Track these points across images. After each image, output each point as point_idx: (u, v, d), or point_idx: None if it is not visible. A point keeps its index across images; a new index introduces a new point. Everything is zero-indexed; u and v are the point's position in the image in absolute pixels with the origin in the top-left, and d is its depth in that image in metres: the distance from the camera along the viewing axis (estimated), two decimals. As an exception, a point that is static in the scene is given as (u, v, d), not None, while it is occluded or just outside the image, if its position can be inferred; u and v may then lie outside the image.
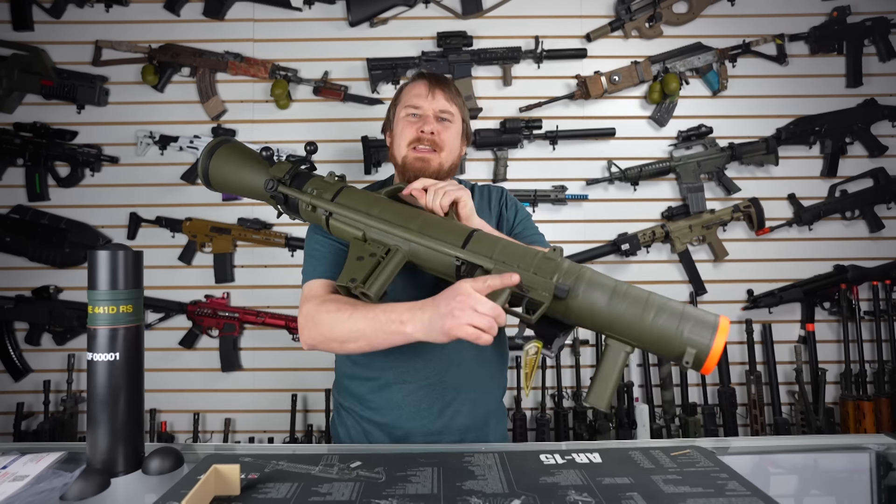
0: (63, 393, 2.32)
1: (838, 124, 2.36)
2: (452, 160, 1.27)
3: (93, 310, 0.91)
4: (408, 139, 1.24)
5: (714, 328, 0.83)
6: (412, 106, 1.25)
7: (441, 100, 1.25)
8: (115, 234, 2.40)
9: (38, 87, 2.36)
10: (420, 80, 1.29)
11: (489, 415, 1.26)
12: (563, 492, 0.82)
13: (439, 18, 2.41)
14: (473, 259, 0.94)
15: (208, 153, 1.15)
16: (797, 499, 0.99)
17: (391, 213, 1.03)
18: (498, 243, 0.96)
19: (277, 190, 1.07)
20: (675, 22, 2.40)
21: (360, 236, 1.02)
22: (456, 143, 1.27)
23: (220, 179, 1.16)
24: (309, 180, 1.09)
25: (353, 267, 0.98)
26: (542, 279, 0.90)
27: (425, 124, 1.23)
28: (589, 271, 0.92)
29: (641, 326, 0.86)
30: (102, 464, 0.89)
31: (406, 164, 1.24)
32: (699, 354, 0.83)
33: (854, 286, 2.32)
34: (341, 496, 0.81)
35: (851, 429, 2.24)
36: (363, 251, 1.00)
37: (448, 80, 1.32)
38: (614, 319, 0.87)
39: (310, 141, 1.14)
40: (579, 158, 2.41)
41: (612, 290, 0.88)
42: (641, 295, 0.88)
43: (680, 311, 0.86)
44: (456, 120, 1.27)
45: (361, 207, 1.04)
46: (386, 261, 0.98)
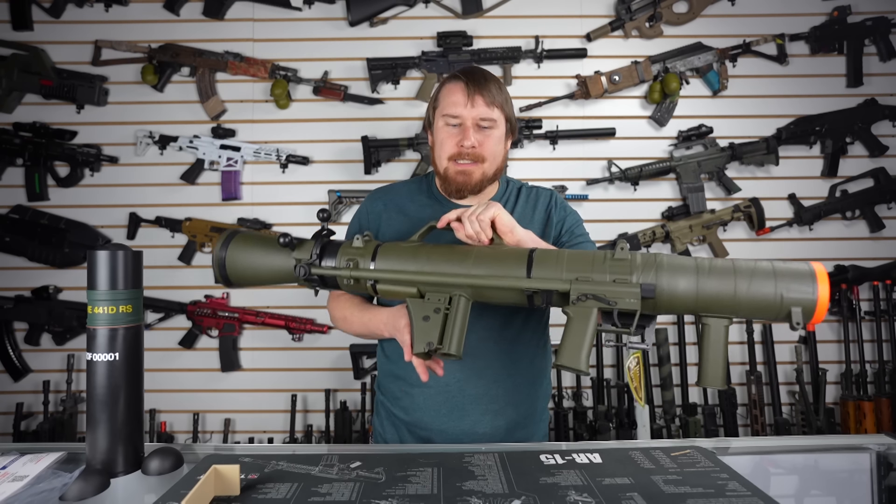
0: (63, 393, 2.32)
1: (839, 124, 2.36)
2: (496, 167, 1.23)
3: (92, 310, 0.91)
4: (448, 153, 1.20)
5: (813, 278, 0.80)
6: (451, 115, 1.19)
7: (481, 106, 1.18)
8: (115, 234, 2.40)
9: (38, 86, 2.36)
10: (457, 84, 1.20)
11: (516, 426, 1.23)
12: (564, 492, 0.82)
13: (439, 18, 2.41)
14: (545, 286, 0.88)
15: (223, 245, 1.06)
16: (797, 499, 0.99)
17: (438, 258, 0.97)
18: (561, 257, 0.92)
19: (311, 273, 1.00)
20: (675, 22, 2.40)
21: (414, 293, 0.96)
22: (499, 148, 1.22)
23: (241, 271, 1.06)
24: (339, 250, 1.02)
25: (423, 329, 0.92)
26: (626, 286, 0.85)
27: (465, 138, 1.17)
28: (664, 257, 0.88)
29: (737, 299, 0.82)
30: (102, 464, 0.89)
31: (448, 177, 1.21)
32: (806, 310, 0.80)
33: (854, 286, 2.32)
34: (341, 496, 0.81)
35: (852, 429, 2.24)
36: (425, 309, 0.94)
37: (488, 78, 1.22)
38: (708, 300, 0.83)
39: (322, 208, 1.06)
40: (579, 158, 2.40)
41: (695, 270, 0.84)
42: (727, 265, 0.84)
43: (771, 271, 0.82)
44: (498, 124, 1.21)
45: (405, 263, 0.97)
46: (453, 312, 0.92)
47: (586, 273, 0.88)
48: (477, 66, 1.33)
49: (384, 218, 1.28)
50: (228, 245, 1.06)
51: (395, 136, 2.37)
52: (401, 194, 1.32)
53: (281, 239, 1.00)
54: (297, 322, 2.34)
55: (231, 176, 2.37)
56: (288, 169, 2.40)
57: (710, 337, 0.85)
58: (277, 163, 2.38)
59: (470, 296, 0.94)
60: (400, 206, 1.29)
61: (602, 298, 0.85)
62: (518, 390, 1.24)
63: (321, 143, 2.42)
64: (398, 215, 1.28)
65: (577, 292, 0.86)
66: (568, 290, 0.87)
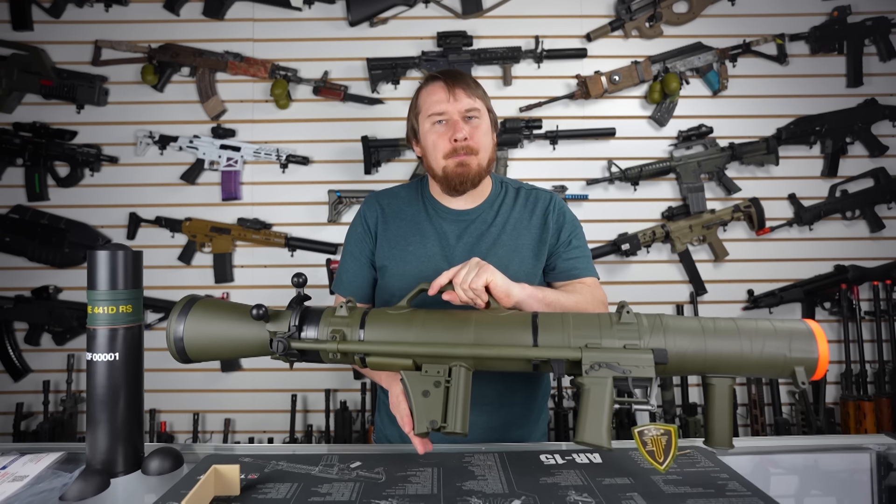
0: (63, 393, 2.32)
1: (839, 124, 2.36)
2: (488, 158, 1.24)
3: (92, 310, 0.91)
4: (443, 151, 1.20)
5: (812, 337, 0.83)
6: (436, 114, 1.20)
7: (463, 98, 1.19)
8: (115, 234, 2.40)
9: (38, 86, 2.36)
10: (436, 83, 1.22)
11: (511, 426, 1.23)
12: (564, 492, 0.82)
13: (439, 18, 2.41)
14: (555, 355, 0.84)
15: (181, 315, 0.92)
16: (797, 499, 0.99)
17: (435, 326, 0.90)
18: (566, 321, 0.88)
19: (291, 348, 0.89)
20: (675, 22, 2.40)
21: (410, 366, 0.89)
22: (488, 138, 1.24)
23: (203, 346, 0.93)
24: (322, 319, 0.92)
25: (424, 406, 0.85)
26: (638, 353, 0.83)
27: (456, 131, 1.18)
28: (669, 319, 0.87)
29: (744, 359, 0.83)
30: (102, 464, 0.89)
31: (448, 175, 1.20)
32: (809, 368, 0.83)
33: (854, 286, 2.32)
34: (341, 496, 0.81)
35: (852, 429, 2.23)
36: (424, 383, 0.86)
37: (463, 73, 1.25)
38: (716, 360, 0.84)
39: (297, 272, 0.94)
40: (579, 158, 2.40)
41: (701, 331, 0.85)
42: (730, 326, 0.85)
43: (773, 331, 0.84)
44: (483, 114, 1.23)
45: (398, 333, 0.90)
46: (455, 386, 0.85)
47: (595, 339, 0.85)
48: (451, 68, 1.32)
49: (381, 221, 1.29)
50: (188, 315, 0.93)
51: (395, 136, 2.37)
52: (399, 198, 1.32)
53: (254, 311, 0.88)
54: (297, 322, 2.34)
55: (231, 176, 2.37)
56: (288, 169, 2.40)
57: (715, 397, 0.86)
58: (277, 163, 2.38)
59: (471, 366, 0.88)
60: (398, 210, 1.30)
61: (616, 367, 0.82)
62: (513, 390, 1.24)
63: (321, 143, 2.42)
64: (396, 219, 1.28)
65: (589, 361, 0.83)
66: (579, 359, 0.83)
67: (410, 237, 1.26)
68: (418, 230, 1.26)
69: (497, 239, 1.24)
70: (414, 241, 1.25)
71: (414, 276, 1.22)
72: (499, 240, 1.24)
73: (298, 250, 2.37)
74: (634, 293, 2.38)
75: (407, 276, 1.23)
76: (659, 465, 0.80)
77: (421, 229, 1.26)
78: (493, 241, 1.24)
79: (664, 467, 0.80)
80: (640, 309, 0.90)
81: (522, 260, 1.23)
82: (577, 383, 0.84)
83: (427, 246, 1.24)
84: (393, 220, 1.29)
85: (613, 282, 2.39)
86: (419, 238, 1.25)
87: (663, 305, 2.38)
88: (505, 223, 1.26)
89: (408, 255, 1.24)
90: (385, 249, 1.26)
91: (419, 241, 1.25)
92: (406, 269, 1.23)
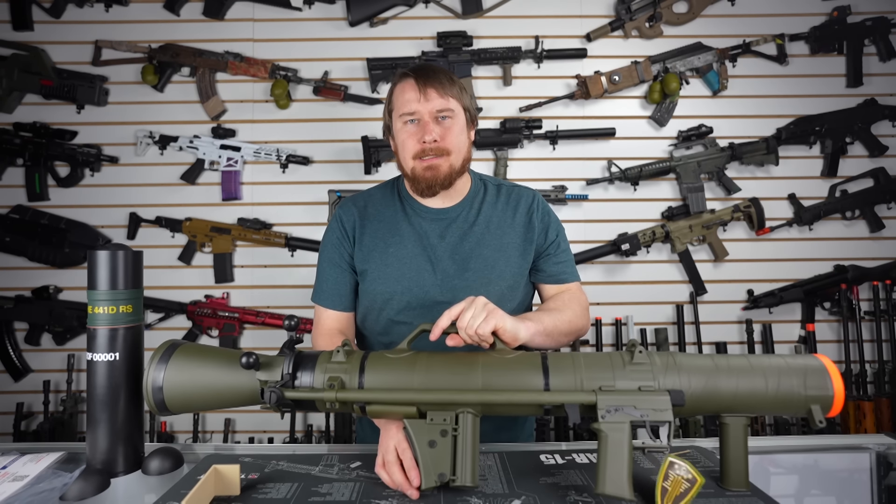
0: (63, 393, 2.32)
1: (838, 124, 2.36)
2: (462, 158, 1.20)
3: (93, 310, 0.91)
4: (411, 152, 1.17)
5: (826, 373, 0.82)
6: (407, 113, 1.17)
7: (435, 98, 1.15)
8: (115, 234, 2.40)
9: (38, 86, 2.36)
10: (407, 81, 1.18)
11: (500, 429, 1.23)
12: (564, 492, 0.82)
13: (439, 18, 2.41)
14: (570, 399, 0.80)
15: (161, 361, 0.85)
16: (797, 499, 0.99)
17: (440, 370, 0.85)
18: (577, 362, 0.84)
19: (285, 399, 0.83)
20: (675, 22, 2.40)
21: (413, 413, 0.83)
22: (462, 138, 1.20)
23: (186, 396, 0.85)
24: (317, 365, 0.86)
25: (431, 457, 0.80)
26: (654, 395, 0.79)
27: (425, 133, 1.15)
28: (681, 357, 0.84)
29: (756, 398, 0.81)
30: (102, 464, 0.89)
31: (416, 176, 1.18)
32: (825, 406, 0.81)
33: (854, 286, 2.32)
34: (341, 496, 0.81)
35: (852, 429, 2.23)
36: (430, 432, 0.81)
37: (437, 70, 1.20)
38: (731, 400, 0.81)
39: (290, 315, 0.89)
40: (579, 158, 2.40)
41: (714, 369, 0.82)
42: (742, 364, 0.83)
43: (786, 367, 0.82)
44: (456, 114, 1.18)
45: (401, 378, 0.84)
46: (462, 435, 0.80)
47: (608, 381, 0.82)
48: (427, 63, 1.27)
49: (359, 225, 1.26)
50: (168, 361, 0.86)
51: (395, 136, 2.37)
52: (374, 200, 1.30)
53: (244, 359, 0.83)
54: (297, 322, 2.34)
55: (231, 176, 2.37)
56: (288, 169, 2.40)
57: (730, 436, 0.83)
58: (277, 163, 2.38)
59: (478, 412, 0.83)
60: (375, 211, 1.27)
61: (633, 411, 0.78)
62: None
63: (321, 143, 2.42)
64: (373, 221, 1.26)
65: (605, 405, 0.79)
66: (594, 402, 0.79)
67: (390, 238, 1.23)
68: (397, 231, 1.23)
69: (481, 238, 1.22)
70: (394, 243, 1.22)
71: (395, 277, 1.20)
72: (483, 239, 1.22)
73: (298, 250, 2.37)
74: (634, 293, 2.38)
75: (389, 279, 1.20)
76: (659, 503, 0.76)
77: (400, 230, 1.23)
78: (478, 240, 1.22)
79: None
80: (641, 309, 0.90)
81: (508, 260, 1.22)
82: (594, 429, 0.79)
83: (407, 247, 1.22)
84: (370, 222, 1.26)
85: (613, 282, 2.39)
86: (398, 239, 1.22)
87: (663, 305, 2.39)
88: (488, 222, 1.24)
89: (388, 256, 1.21)
90: (364, 253, 1.23)
91: (399, 241, 1.22)
92: (387, 271, 1.21)
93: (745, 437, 0.83)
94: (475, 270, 1.19)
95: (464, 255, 1.20)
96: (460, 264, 1.20)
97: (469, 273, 1.19)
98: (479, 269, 1.20)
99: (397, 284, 1.20)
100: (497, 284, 1.20)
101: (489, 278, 1.19)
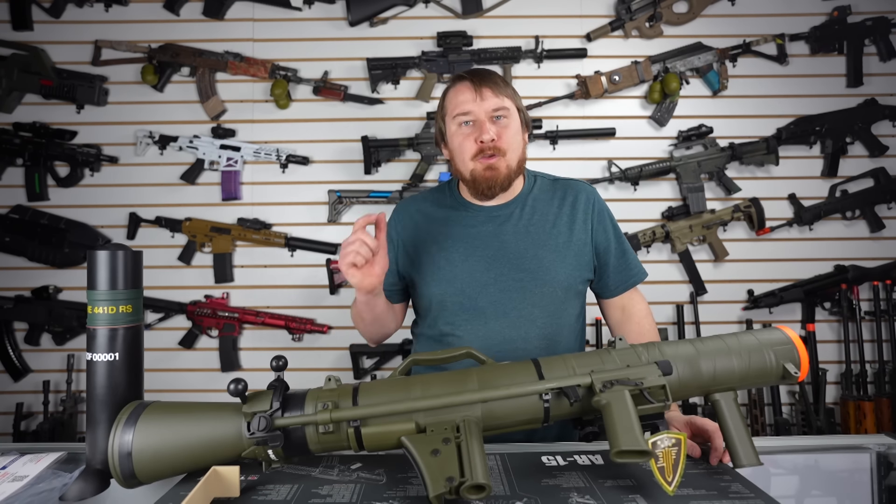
0: (62, 393, 2.32)
1: (839, 124, 2.36)
2: (518, 158, 1.20)
3: (92, 310, 0.91)
4: (470, 153, 1.16)
5: (790, 342, 0.89)
6: (462, 114, 1.17)
7: (490, 97, 1.16)
8: (115, 234, 2.40)
9: (38, 86, 2.36)
10: (462, 83, 1.19)
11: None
12: (566, 494, 0.81)
13: (439, 18, 2.41)
14: (565, 383, 0.83)
15: (127, 424, 0.81)
16: (798, 499, 0.99)
17: (435, 385, 0.85)
18: (566, 359, 0.87)
19: (273, 426, 0.80)
20: (675, 22, 2.39)
21: (412, 429, 0.81)
22: (517, 138, 1.19)
23: (159, 459, 0.81)
24: (307, 397, 0.84)
25: (436, 465, 0.76)
26: (643, 367, 0.84)
27: (482, 133, 1.14)
28: (662, 344, 0.89)
29: (736, 374, 0.88)
30: (102, 464, 0.89)
31: (476, 178, 1.17)
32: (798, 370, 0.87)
33: (854, 286, 2.32)
34: (341, 498, 0.80)
35: (852, 429, 2.23)
36: (431, 443, 0.79)
37: (491, 73, 1.20)
38: (713, 378, 0.87)
39: (278, 355, 0.87)
40: (579, 158, 2.40)
41: (696, 353, 0.88)
42: (718, 345, 0.89)
43: (756, 342, 0.89)
44: (512, 113, 1.18)
45: (397, 396, 0.83)
46: (465, 439, 0.79)
47: (598, 366, 0.85)
48: (480, 67, 1.29)
49: (411, 228, 1.26)
50: (137, 423, 0.81)
51: (395, 136, 2.37)
52: (428, 202, 1.30)
53: (231, 385, 0.79)
54: (297, 322, 2.34)
55: (231, 176, 2.37)
56: (288, 169, 2.40)
57: (724, 412, 0.87)
58: (277, 163, 2.38)
59: (479, 420, 0.82)
60: (428, 213, 1.27)
61: (627, 382, 0.81)
62: None
63: (321, 143, 2.42)
64: (427, 224, 1.26)
65: (600, 381, 0.82)
66: (590, 384, 0.82)
67: (442, 241, 1.22)
68: (449, 233, 1.23)
69: (538, 239, 1.20)
70: (447, 246, 1.22)
71: (449, 280, 1.19)
72: (539, 240, 1.20)
73: (298, 250, 2.37)
74: (634, 293, 2.37)
75: (442, 282, 1.20)
76: (667, 486, 0.75)
77: (452, 232, 1.23)
78: (534, 240, 1.20)
79: (672, 488, 0.75)
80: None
81: (564, 261, 1.20)
82: (594, 403, 0.81)
83: (460, 248, 1.21)
84: (423, 225, 1.26)
85: (613, 282, 2.38)
86: (451, 242, 1.22)
87: (663, 305, 2.39)
88: (543, 220, 1.22)
89: (440, 259, 1.21)
90: (417, 256, 1.23)
91: (451, 244, 1.22)
92: (439, 274, 1.20)
93: (738, 407, 0.88)
94: (530, 271, 1.18)
95: (518, 255, 1.19)
96: (515, 264, 1.18)
97: (524, 274, 1.18)
98: (533, 269, 1.18)
99: (450, 286, 1.19)
100: (552, 286, 1.18)
101: (544, 280, 1.18)
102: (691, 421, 0.98)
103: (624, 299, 1.28)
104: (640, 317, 1.26)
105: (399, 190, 2.35)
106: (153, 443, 0.80)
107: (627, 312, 1.27)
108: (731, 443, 0.85)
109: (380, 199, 2.34)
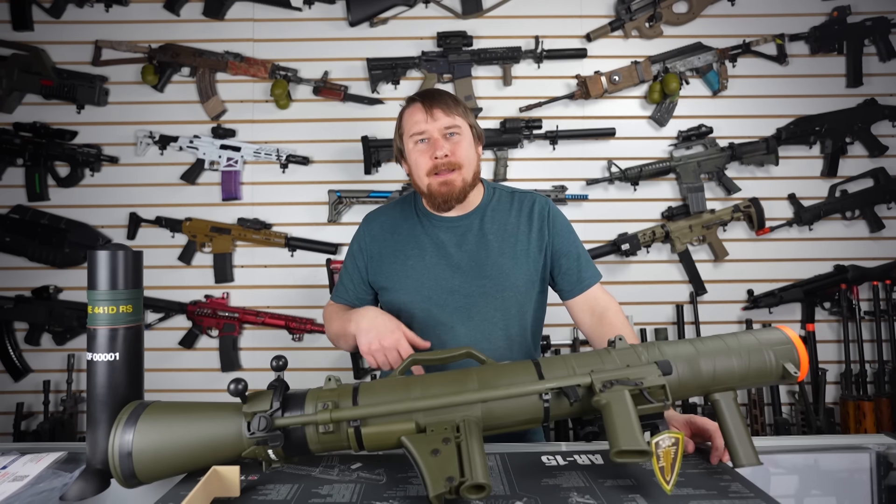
0: (63, 393, 2.32)
1: (838, 124, 2.36)
2: (472, 171, 1.27)
3: (92, 310, 0.91)
4: (425, 169, 1.24)
5: (790, 342, 0.89)
6: (417, 133, 1.25)
7: (441, 117, 1.23)
8: (115, 234, 2.40)
9: (38, 86, 2.36)
10: (414, 105, 1.27)
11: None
12: (566, 494, 0.81)
13: (439, 18, 2.41)
14: (565, 383, 0.83)
15: (127, 424, 0.81)
16: (798, 499, 0.99)
17: (435, 385, 0.85)
18: (567, 359, 0.88)
19: (274, 426, 0.80)
20: (675, 22, 2.40)
21: (412, 429, 0.81)
22: (470, 152, 1.27)
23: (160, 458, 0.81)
24: (307, 397, 0.84)
25: (436, 465, 0.76)
26: (643, 367, 0.84)
27: (436, 149, 1.22)
28: (661, 344, 0.89)
29: (736, 374, 0.88)
30: (102, 464, 0.89)
31: (432, 192, 1.25)
32: (798, 369, 0.88)
33: (854, 286, 2.32)
34: (342, 498, 0.80)
35: (852, 429, 2.24)
36: (431, 443, 0.78)
37: (441, 94, 1.29)
38: (713, 378, 0.88)
39: (278, 355, 0.88)
40: (579, 158, 2.40)
41: (695, 353, 0.88)
42: (718, 345, 0.89)
43: (756, 342, 0.89)
44: (463, 130, 1.26)
45: (397, 395, 0.84)
46: (465, 439, 0.79)
47: (598, 366, 0.86)
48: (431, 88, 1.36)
49: (379, 239, 1.33)
50: (137, 423, 0.81)
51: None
52: (394, 214, 1.36)
53: (231, 385, 0.79)
54: (297, 322, 2.34)
55: (231, 176, 2.37)
56: (288, 169, 2.40)
57: (724, 412, 0.87)
58: (277, 163, 2.38)
59: (479, 420, 0.82)
60: (393, 225, 1.34)
61: (627, 382, 0.82)
62: None
63: (321, 143, 2.42)
64: (393, 235, 1.32)
65: (600, 381, 0.82)
66: (590, 383, 0.82)
67: (409, 250, 1.29)
68: (416, 243, 1.29)
69: (497, 247, 1.27)
70: (413, 255, 1.28)
71: (416, 288, 1.26)
72: (499, 248, 1.27)
73: (298, 250, 2.37)
74: (634, 293, 2.37)
75: (409, 290, 1.26)
76: (666, 485, 0.75)
77: (419, 242, 1.29)
78: (494, 249, 1.27)
79: (670, 486, 0.75)
80: (641, 309, 0.91)
81: (521, 267, 1.27)
82: (594, 403, 0.81)
83: (426, 257, 1.27)
84: (390, 235, 1.32)
85: (613, 282, 2.38)
86: (418, 251, 1.28)
87: (663, 305, 2.39)
88: (502, 230, 1.29)
89: (408, 268, 1.27)
90: (384, 266, 1.30)
91: (418, 253, 1.28)
92: (407, 282, 1.27)
93: (738, 407, 0.88)
94: (491, 277, 1.25)
95: (480, 262, 1.25)
96: (477, 271, 1.25)
97: (486, 280, 1.25)
98: (494, 276, 1.25)
99: (417, 295, 1.25)
100: (512, 291, 1.25)
101: (504, 285, 1.25)
102: (691, 420, 0.99)
103: (589, 300, 1.31)
104: (611, 316, 1.28)
105: (399, 190, 2.35)
106: (153, 443, 0.80)
107: (597, 314, 1.29)
108: (731, 442, 0.86)
109: (380, 199, 2.35)
